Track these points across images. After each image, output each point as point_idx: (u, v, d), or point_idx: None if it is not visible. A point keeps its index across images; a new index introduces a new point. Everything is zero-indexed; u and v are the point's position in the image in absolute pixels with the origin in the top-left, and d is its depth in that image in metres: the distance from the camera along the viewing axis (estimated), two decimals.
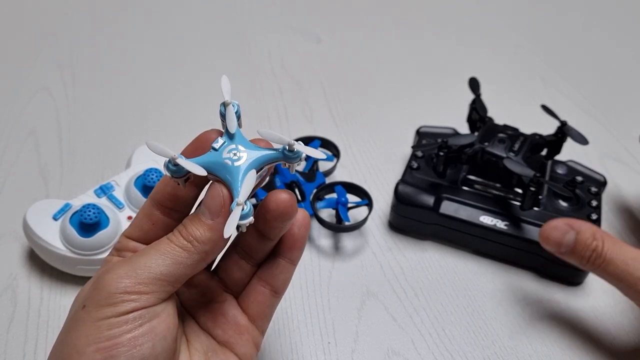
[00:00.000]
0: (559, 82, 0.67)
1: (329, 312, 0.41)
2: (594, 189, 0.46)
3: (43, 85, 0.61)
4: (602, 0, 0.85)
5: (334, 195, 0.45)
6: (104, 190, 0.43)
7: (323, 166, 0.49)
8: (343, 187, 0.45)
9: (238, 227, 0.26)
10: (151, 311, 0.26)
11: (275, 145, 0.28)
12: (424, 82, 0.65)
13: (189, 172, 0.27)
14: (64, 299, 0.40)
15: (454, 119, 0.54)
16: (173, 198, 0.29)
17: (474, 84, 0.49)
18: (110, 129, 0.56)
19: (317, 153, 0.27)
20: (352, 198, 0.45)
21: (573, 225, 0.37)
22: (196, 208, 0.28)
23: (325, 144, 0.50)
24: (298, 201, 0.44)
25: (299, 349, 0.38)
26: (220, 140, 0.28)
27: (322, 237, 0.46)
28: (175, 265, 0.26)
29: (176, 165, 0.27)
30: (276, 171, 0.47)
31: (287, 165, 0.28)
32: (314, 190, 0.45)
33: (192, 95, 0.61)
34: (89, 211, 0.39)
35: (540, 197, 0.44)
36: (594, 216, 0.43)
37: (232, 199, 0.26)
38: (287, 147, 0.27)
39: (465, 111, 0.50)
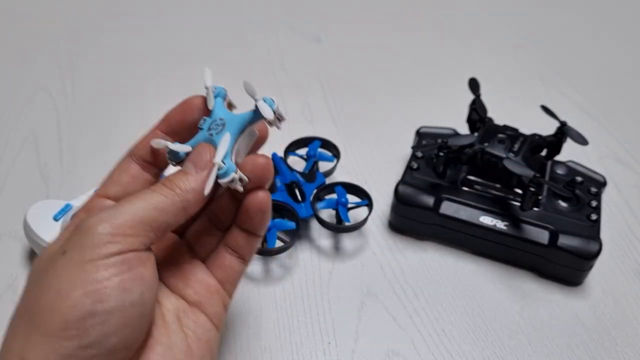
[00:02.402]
0: (559, 82, 0.67)
1: (329, 313, 0.41)
2: (593, 190, 0.46)
3: (43, 85, 0.61)
4: (601, 0, 0.85)
5: (334, 196, 0.45)
6: None
7: (323, 167, 0.49)
8: (343, 188, 0.45)
9: (229, 185, 0.29)
10: (138, 256, 0.26)
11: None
12: (423, 83, 0.65)
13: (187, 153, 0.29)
14: None
15: (454, 119, 0.54)
16: (155, 153, 0.30)
17: (473, 85, 0.49)
18: (110, 130, 0.56)
19: (268, 112, 0.29)
20: (352, 198, 0.45)
21: None
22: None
23: (325, 144, 0.50)
24: (298, 201, 0.45)
25: (299, 349, 0.38)
26: (203, 119, 0.30)
27: (322, 237, 0.46)
28: (158, 211, 0.26)
29: (172, 151, 0.29)
30: (276, 172, 0.47)
31: (270, 124, 0.30)
32: (314, 191, 0.45)
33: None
34: None
35: (540, 197, 0.44)
36: (594, 216, 0.43)
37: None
38: (256, 106, 0.29)
39: (465, 112, 0.50)
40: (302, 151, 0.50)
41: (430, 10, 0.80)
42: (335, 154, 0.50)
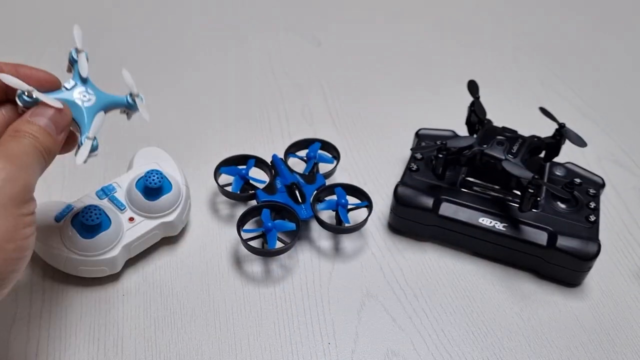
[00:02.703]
0: (557, 84, 0.67)
1: (329, 313, 0.41)
2: (592, 191, 0.46)
3: None
4: (599, 4, 0.86)
5: (334, 197, 0.45)
6: (106, 192, 0.43)
7: (323, 168, 0.49)
8: (343, 189, 0.45)
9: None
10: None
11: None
12: (423, 85, 0.66)
13: (40, 102, 0.30)
14: (65, 300, 0.40)
15: (453, 121, 0.54)
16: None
17: (472, 87, 0.50)
18: (111, 131, 0.56)
19: (145, 111, 0.34)
20: (352, 200, 0.45)
21: None
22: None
23: (325, 146, 0.50)
24: (298, 203, 0.45)
25: (299, 350, 0.39)
26: (72, 82, 0.32)
27: (322, 238, 0.46)
28: (40, 173, 0.29)
29: (31, 97, 0.30)
30: (277, 173, 0.47)
31: (126, 112, 0.35)
32: (314, 192, 0.46)
33: (192, 98, 0.61)
34: (91, 213, 0.39)
35: (538, 199, 0.45)
36: (592, 218, 0.44)
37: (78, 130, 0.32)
38: (130, 97, 0.33)
39: (464, 114, 0.51)
40: (302, 153, 0.50)
41: (430, 13, 0.80)
42: (335, 155, 0.50)
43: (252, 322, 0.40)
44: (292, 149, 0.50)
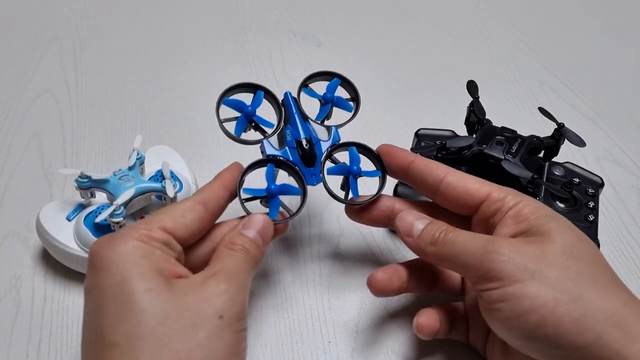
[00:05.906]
0: (557, 84, 0.68)
1: (329, 312, 0.41)
2: (591, 191, 0.46)
3: (46, 88, 0.62)
4: (598, 3, 0.86)
5: (346, 162, 0.39)
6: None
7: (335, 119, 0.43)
8: (358, 151, 0.39)
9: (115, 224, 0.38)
10: None
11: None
12: (422, 85, 0.66)
13: (92, 187, 0.40)
14: (67, 299, 0.41)
15: (453, 121, 0.54)
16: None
17: (472, 87, 0.50)
18: (113, 132, 0.56)
19: (171, 191, 0.39)
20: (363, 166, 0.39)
21: (428, 217, 0.36)
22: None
23: (345, 83, 0.43)
24: (308, 165, 0.38)
25: (300, 348, 0.39)
26: (120, 170, 0.41)
27: (324, 236, 0.46)
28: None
29: (85, 177, 0.39)
30: (287, 120, 0.40)
31: (164, 199, 0.41)
32: (327, 150, 0.39)
33: (193, 98, 0.62)
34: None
35: (538, 198, 0.45)
36: (591, 217, 0.44)
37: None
38: (164, 185, 0.40)
39: (463, 114, 0.51)
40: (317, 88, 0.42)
41: (430, 14, 0.80)
42: (354, 97, 0.43)
43: (252, 320, 0.40)
44: (310, 80, 0.42)
